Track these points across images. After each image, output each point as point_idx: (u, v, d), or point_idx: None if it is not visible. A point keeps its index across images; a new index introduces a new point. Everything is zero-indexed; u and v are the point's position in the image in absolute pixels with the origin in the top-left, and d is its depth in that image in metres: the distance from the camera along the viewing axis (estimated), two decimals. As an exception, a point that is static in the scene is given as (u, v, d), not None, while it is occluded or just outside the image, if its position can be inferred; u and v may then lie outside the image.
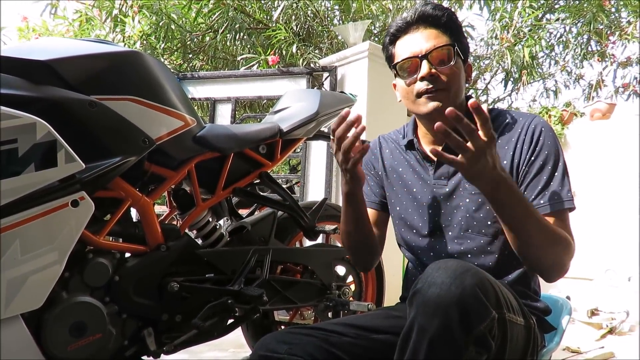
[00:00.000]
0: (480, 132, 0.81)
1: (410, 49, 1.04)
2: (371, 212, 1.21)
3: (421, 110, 1.05)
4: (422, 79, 1.02)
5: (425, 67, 1.01)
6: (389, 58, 1.12)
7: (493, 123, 1.06)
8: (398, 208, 1.17)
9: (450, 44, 1.03)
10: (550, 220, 0.96)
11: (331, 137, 1.00)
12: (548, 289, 2.75)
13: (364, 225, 1.14)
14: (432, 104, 1.02)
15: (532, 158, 1.01)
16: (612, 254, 3.42)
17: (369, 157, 1.25)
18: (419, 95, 1.03)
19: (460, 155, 0.82)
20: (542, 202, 0.98)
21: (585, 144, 3.88)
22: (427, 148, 1.12)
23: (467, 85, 1.11)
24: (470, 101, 0.81)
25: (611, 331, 2.81)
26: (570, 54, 5.86)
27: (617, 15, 5.29)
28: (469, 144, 0.81)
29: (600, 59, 5.74)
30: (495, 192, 0.87)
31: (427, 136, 1.13)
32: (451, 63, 1.02)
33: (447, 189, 1.08)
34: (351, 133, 0.96)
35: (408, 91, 1.06)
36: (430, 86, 1.02)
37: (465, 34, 1.12)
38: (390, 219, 1.25)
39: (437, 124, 0.80)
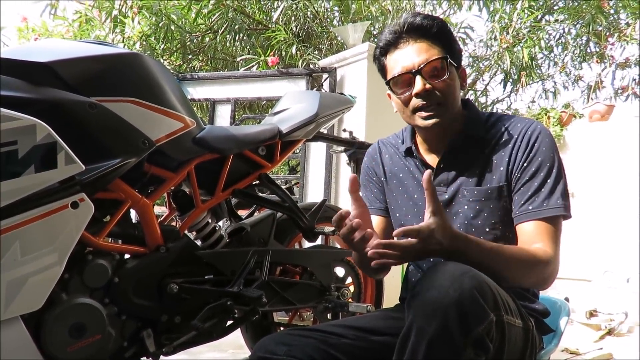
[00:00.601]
0: (427, 211, 0.82)
1: (402, 63, 1.02)
2: (377, 219, 1.20)
3: (419, 125, 1.05)
4: (417, 95, 1.01)
5: (419, 84, 1.00)
6: (381, 70, 1.10)
7: (492, 129, 1.07)
8: (398, 214, 1.17)
9: (442, 56, 1.01)
10: (537, 226, 0.96)
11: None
12: (546, 291, 2.75)
13: None
14: (430, 122, 1.02)
15: (525, 164, 1.00)
16: (610, 255, 3.42)
17: (370, 163, 1.24)
18: (415, 111, 1.03)
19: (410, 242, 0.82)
20: (530, 207, 0.97)
21: (584, 146, 3.88)
22: (426, 155, 1.12)
23: (462, 90, 1.10)
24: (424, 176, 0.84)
25: (610, 332, 2.80)
26: (569, 55, 5.87)
27: (615, 16, 5.30)
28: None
29: (599, 61, 5.75)
30: (454, 258, 0.86)
31: (425, 144, 1.13)
32: (445, 77, 1.01)
33: (446, 196, 1.07)
34: (357, 234, 0.92)
35: (404, 106, 1.05)
36: (425, 102, 1.01)
37: (464, 35, 1.11)
38: None
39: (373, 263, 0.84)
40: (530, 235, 0.96)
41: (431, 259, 1.09)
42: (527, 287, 0.99)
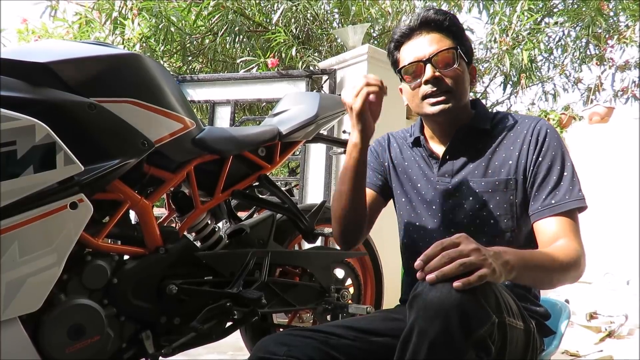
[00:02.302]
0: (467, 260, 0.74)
1: (414, 53, 1.07)
2: (368, 192, 1.22)
3: (427, 112, 1.08)
4: (427, 82, 1.05)
5: (429, 71, 1.04)
6: (394, 63, 1.14)
7: (497, 126, 1.10)
8: (403, 199, 1.20)
9: (452, 47, 1.05)
10: (561, 220, 0.97)
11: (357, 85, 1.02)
12: (547, 292, 2.75)
13: (360, 187, 1.10)
14: (438, 107, 1.05)
15: (540, 159, 1.02)
16: (610, 257, 3.42)
17: (377, 147, 1.28)
18: (424, 97, 1.06)
19: (477, 273, 0.74)
20: (553, 201, 0.99)
21: (583, 148, 3.88)
22: (434, 146, 1.15)
23: (471, 87, 1.13)
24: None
25: (610, 335, 2.80)
26: (568, 58, 5.89)
27: (615, 19, 5.32)
28: (466, 259, 0.74)
29: (598, 63, 5.76)
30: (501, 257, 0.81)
31: (433, 136, 1.16)
32: (454, 66, 1.04)
33: (450, 187, 1.10)
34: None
35: (413, 94, 1.09)
36: (435, 89, 1.04)
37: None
38: (389, 214, 1.26)
39: (419, 274, 0.76)
40: (553, 233, 0.97)
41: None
42: (564, 284, 0.96)
